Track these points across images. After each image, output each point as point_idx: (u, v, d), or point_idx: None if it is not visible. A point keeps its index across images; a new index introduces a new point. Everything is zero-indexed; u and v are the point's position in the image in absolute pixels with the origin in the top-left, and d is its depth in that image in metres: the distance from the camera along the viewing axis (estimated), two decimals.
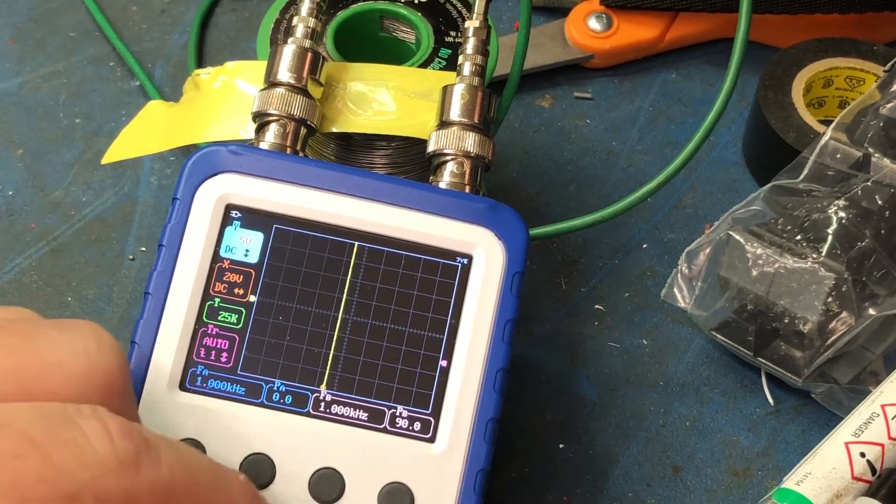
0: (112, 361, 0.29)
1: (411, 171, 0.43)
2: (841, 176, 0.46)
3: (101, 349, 0.29)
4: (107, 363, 0.29)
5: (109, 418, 0.27)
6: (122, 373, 0.29)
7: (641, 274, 0.50)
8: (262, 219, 0.37)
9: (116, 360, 0.29)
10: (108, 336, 0.29)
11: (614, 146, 0.55)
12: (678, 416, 0.45)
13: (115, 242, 0.50)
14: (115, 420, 0.27)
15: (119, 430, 0.27)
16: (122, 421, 0.27)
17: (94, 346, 0.29)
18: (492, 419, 0.36)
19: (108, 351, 0.29)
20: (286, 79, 0.39)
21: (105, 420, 0.27)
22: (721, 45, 0.59)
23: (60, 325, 0.29)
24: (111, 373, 0.29)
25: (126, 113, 0.55)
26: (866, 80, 0.53)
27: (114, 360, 0.29)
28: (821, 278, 0.43)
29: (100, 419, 0.27)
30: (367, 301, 0.37)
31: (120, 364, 0.29)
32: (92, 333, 0.29)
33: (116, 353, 0.29)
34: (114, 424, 0.27)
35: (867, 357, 0.44)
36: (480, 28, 0.41)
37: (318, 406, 0.36)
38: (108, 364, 0.29)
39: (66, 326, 0.29)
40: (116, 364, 0.29)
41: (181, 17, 0.60)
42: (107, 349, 0.29)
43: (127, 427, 0.27)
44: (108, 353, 0.29)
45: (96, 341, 0.29)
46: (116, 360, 0.29)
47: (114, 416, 0.27)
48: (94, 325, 0.30)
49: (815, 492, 0.39)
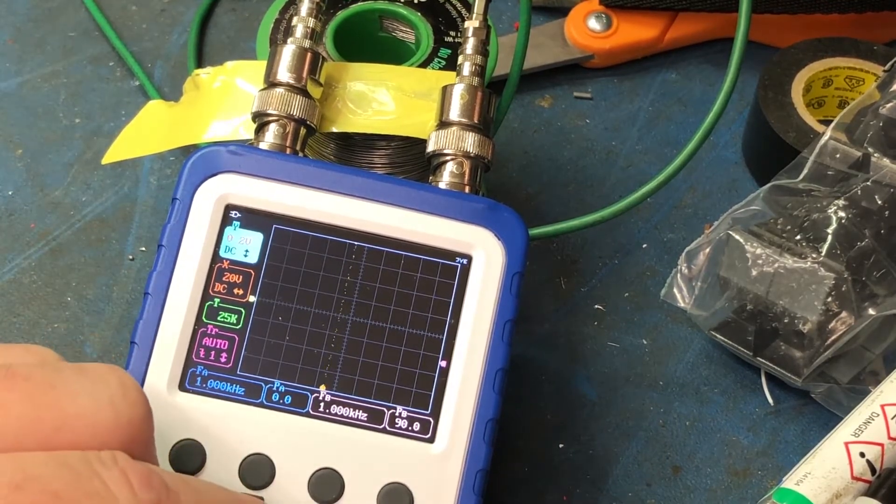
0: (137, 412, 0.28)
1: (411, 171, 0.43)
2: (840, 176, 0.46)
3: (127, 398, 0.28)
4: (131, 413, 0.28)
5: (130, 467, 0.27)
6: (147, 422, 0.29)
7: (641, 274, 0.50)
8: (261, 219, 0.37)
9: (141, 410, 0.28)
10: (132, 383, 0.29)
11: (614, 146, 0.55)
12: (678, 416, 0.45)
13: (115, 242, 0.50)
14: (135, 468, 0.27)
15: (139, 480, 0.27)
16: (142, 469, 0.27)
17: (120, 396, 0.28)
18: (491, 419, 0.36)
19: (134, 400, 0.28)
20: (286, 79, 0.39)
21: (125, 469, 0.27)
22: (721, 45, 0.59)
23: (84, 372, 0.28)
24: (135, 423, 0.28)
25: (126, 113, 0.55)
26: (866, 80, 0.53)
27: (139, 409, 0.28)
28: (820, 278, 0.43)
29: (121, 469, 0.27)
30: (366, 301, 0.37)
31: (145, 413, 0.29)
32: (117, 382, 0.28)
33: (142, 403, 0.29)
34: (134, 473, 0.27)
35: (867, 357, 0.44)
36: (480, 28, 0.41)
37: (317, 406, 0.36)
38: (133, 415, 0.28)
39: (90, 373, 0.28)
40: (141, 414, 0.28)
41: (181, 17, 0.60)
42: (132, 398, 0.28)
43: (147, 475, 0.27)
44: (133, 402, 0.28)
45: (121, 390, 0.28)
46: (141, 409, 0.29)
47: (134, 464, 0.27)
48: (120, 370, 0.29)
49: (814, 492, 0.39)
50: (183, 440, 0.35)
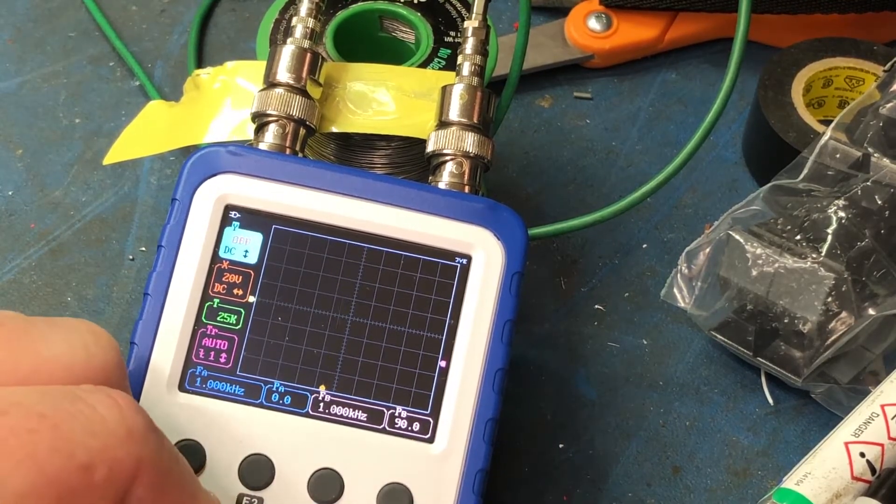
0: (110, 356, 0.29)
1: (411, 171, 0.43)
2: (841, 176, 0.46)
3: (99, 344, 0.29)
4: (104, 357, 0.29)
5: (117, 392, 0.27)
6: (120, 367, 0.29)
7: (641, 274, 0.50)
8: (261, 219, 0.37)
9: (113, 355, 0.29)
10: (104, 333, 0.29)
11: (614, 146, 0.55)
12: (678, 416, 0.45)
13: (115, 242, 0.50)
14: (122, 394, 0.27)
15: (128, 403, 0.27)
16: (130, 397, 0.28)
17: (92, 341, 0.29)
18: (491, 419, 0.36)
19: (106, 345, 0.29)
20: (285, 79, 0.39)
21: (111, 393, 0.27)
22: (720, 45, 0.59)
23: (56, 323, 0.29)
24: (109, 367, 0.29)
25: (126, 113, 0.55)
26: (866, 80, 0.53)
27: (111, 354, 0.29)
28: (820, 278, 0.43)
29: (106, 393, 0.27)
30: (366, 301, 0.37)
31: (117, 359, 0.29)
32: (88, 330, 0.29)
33: (113, 349, 0.29)
34: (121, 396, 0.27)
35: (867, 357, 0.44)
36: (480, 28, 0.41)
37: (317, 406, 0.36)
38: (106, 358, 0.29)
39: (62, 324, 0.29)
40: (114, 358, 0.29)
41: (181, 17, 0.60)
42: (104, 344, 0.29)
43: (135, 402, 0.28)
44: (105, 346, 0.29)
45: (93, 336, 0.29)
46: (113, 354, 0.29)
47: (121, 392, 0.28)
48: (90, 323, 0.30)
49: (814, 492, 0.39)
50: (182, 440, 0.35)
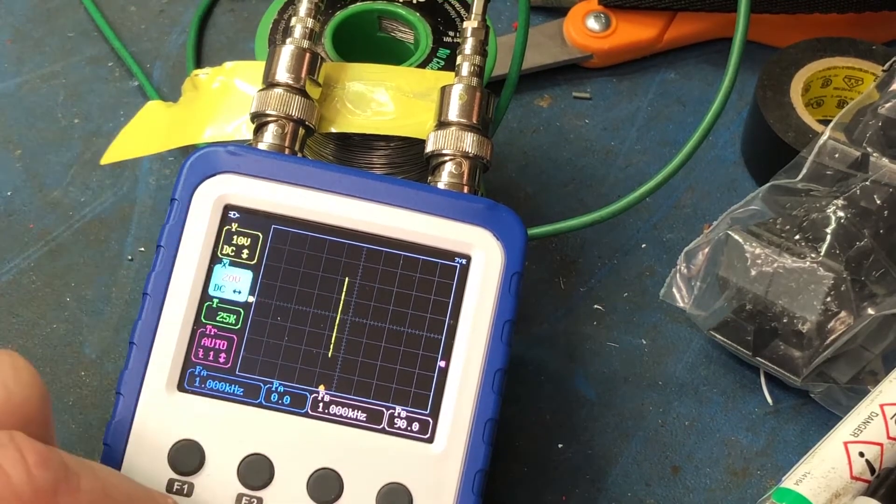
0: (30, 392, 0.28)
1: (410, 172, 0.43)
2: (839, 175, 0.46)
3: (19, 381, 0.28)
4: (24, 394, 0.28)
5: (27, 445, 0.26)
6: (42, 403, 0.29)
7: (640, 274, 0.50)
8: (260, 219, 0.37)
9: (35, 391, 0.28)
10: (26, 365, 0.28)
11: (613, 146, 0.55)
12: (677, 416, 0.45)
13: (114, 243, 0.50)
14: (32, 447, 0.26)
15: (36, 458, 0.26)
16: (40, 448, 0.27)
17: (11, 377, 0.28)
18: (490, 419, 0.36)
19: (27, 381, 0.28)
20: (284, 79, 0.39)
21: (22, 447, 0.26)
22: (719, 45, 0.59)
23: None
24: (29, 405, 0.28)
25: (125, 113, 0.55)
26: (865, 80, 0.53)
27: (32, 390, 0.28)
28: (819, 278, 0.43)
29: (16, 447, 0.26)
30: (365, 302, 0.37)
31: (39, 395, 0.28)
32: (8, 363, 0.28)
33: (35, 384, 0.28)
34: (31, 452, 0.26)
35: (866, 357, 0.44)
36: (479, 28, 0.41)
37: (316, 407, 0.36)
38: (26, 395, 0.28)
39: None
40: (36, 395, 0.28)
41: (179, 18, 0.60)
42: (24, 379, 0.28)
43: (45, 454, 0.27)
44: (25, 383, 0.28)
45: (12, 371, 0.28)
46: (35, 390, 0.28)
47: (32, 443, 0.27)
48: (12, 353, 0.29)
49: (813, 491, 0.39)
50: (182, 440, 0.35)
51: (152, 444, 0.35)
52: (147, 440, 0.35)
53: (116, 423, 0.35)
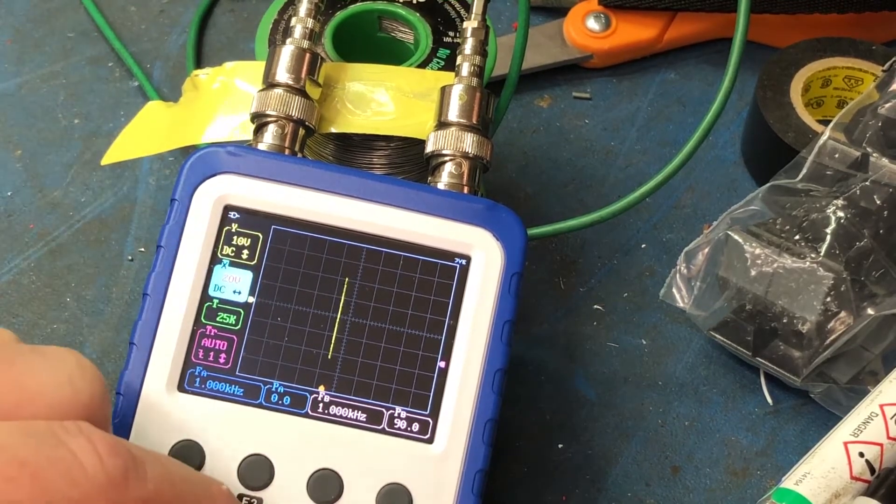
0: (95, 389, 0.29)
1: (410, 172, 0.43)
2: (839, 176, 0.46)
3: (85, 377, 0.29)
4: (90, 390, 0.29)
5: (96, 434, 0.27)
6: (104, 401, 0.29)
7: (640, 274, 0.50)
8: (260, 220, 0.37)
9: (99, 389, 0.29)
10: (90, 365, 0.29)
11: (613, 146, 0.55)
12: (677, 416, 0.45)
13: (114, 243, 0.50)
14: (101, 436, 0.27)
15: (106, 447, 0.27)
16: (108, 437, 0.27)
17: (78, 374, 0.29)
18: (490, 420, 0.36)
19: (92, 378, 0.29)
20: (284, 79, 0.39)
21: (91, 437, 0.27)
22: (719, 45, 0.59)
23: (42, 352, 0.29)
24: (93, 402, 0.29)
25: (125, 113, 0.55)
26: (864, 80, 0.53)
27: (97, 387, 0.29)
28: (819, 278, 0.43)
29: (86, 436, 0.27)
30: (365, 302, 0.37)
31: (102, 392, 0.29)
32: (75, 361, 0.29)
33: (99, 382, 0.29)
34: (101, 441, 0.27)
35: (866, 357, 0.44)
36: (479, 28, 0.41)
37: (316, 407, 0.36)
38: (91, 392, 0.29)
39: (49, 353, 0.29)
40: (98, 392, 0.29)
41: (179, 18, 0.60)
42: (90, 376, 0.29)
43: (114, 443, 0.27)
44: (91, 380, 0.29)
45: (79, 369, 0.29)
46: (99, 388, 0.29)
47: (100, 432, 0.27)
48: (77, 353, 0.29)
49: (813, 491, 0.39)
50: (182, 441, 0.35)
51: (152, 444, 0.35)
52: (147, 440, 0.35)
53: (116, 424, 0.35)
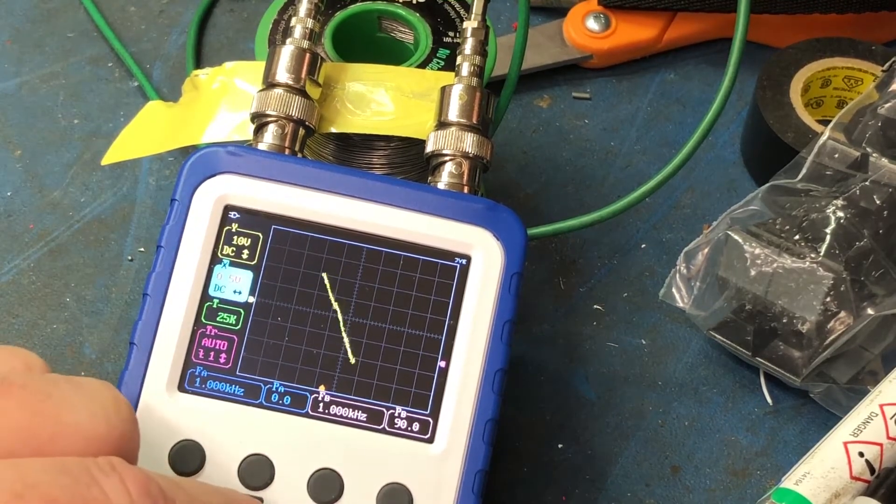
0: (129, 427, 0.29)
1: (410, 172, 0.43)
2: (839, 176, 0.46)
3: (119, 413, 0.29)
4: (123, 428, 0.29)
5: (127, 472, 0.27)
6: (136, 439, 0.29)
7: (640, 274, 0.50)
8: (260, 220, 0.37)
9: (132, 426, 0.29)
10: (125, 402, 0.29)
11: (612, 146, 0.55)
12: (677, 416, 0.45)
13: (114, 243, 0.50)
14: (132, 474, 0.27)
15: (137, 486, 0.27)
16: (139, 474, 0.27)
17: (113, 411, 0.29)
18: (490, 420, 0.36)
19: (126, 416, 0.29)
20: (284, 79, 0.39)
21: (123, 475, 0.27)
22: (719, 45, 0.59)
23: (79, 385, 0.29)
24: (126, 438, 0.29)
25: (124, 113, 0.55)
26: (864, 80, 0.53)
27: (130, 425, 0.29)
28: (819, 278, 0.43)
29: (119, 475, 0.27)
30: (365, 302, 0.37)
31: (134, 430, 0.29)
32: (111, 397, 0.29)
33: (132, 419, 0.29)
34: (131, 479, 0.27)
35: (865, 357, 0.44)
36: (479, 28, 0.41)
37: (316, 407, 0.36)
38: (125, 429, 0.29)
39: (85, 387, 0.29)
40: (131, 429, 0.29)
41: (179, 18, 0.60)
42: (124, 414, 0.29)
43: (144, 481, 0.27)
44: (125, 418, 0.29)
45: (115, 405, 0.29)
46: (132, 426, 0.29)
47: (131, 469, 0.27)
48: (111, 386, 0.30)
49: (813, 491, 0.39)
50: (182, 441, 0.35)
51: (153, 444, 0.35)
52: (147, 440, 0.35)
53: None
